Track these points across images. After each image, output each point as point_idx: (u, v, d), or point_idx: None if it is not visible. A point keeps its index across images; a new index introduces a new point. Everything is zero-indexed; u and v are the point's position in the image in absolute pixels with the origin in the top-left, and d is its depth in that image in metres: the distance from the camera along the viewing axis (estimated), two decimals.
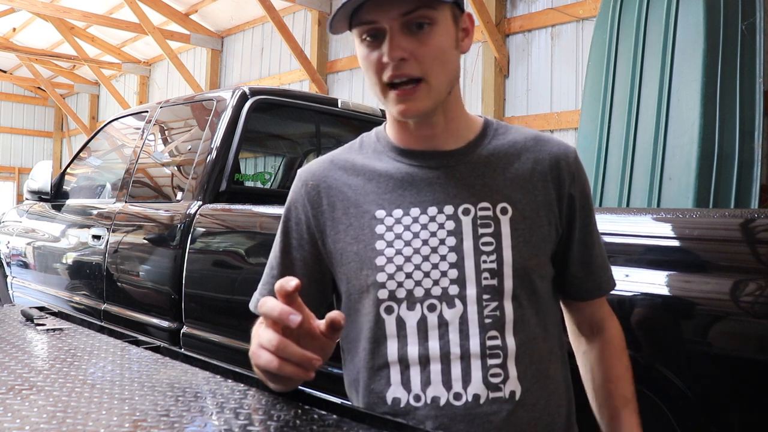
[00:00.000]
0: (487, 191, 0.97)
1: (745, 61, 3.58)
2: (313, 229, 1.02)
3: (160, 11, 8.42)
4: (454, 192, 0.97)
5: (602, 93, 3.98)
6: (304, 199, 1.03)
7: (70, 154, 13.00)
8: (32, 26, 9.98)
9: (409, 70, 0.91)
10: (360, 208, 0.99)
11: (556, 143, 1.03)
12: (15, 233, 3.73)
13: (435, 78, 0.93)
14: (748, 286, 1.16)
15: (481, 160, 0.99)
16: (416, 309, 0.94)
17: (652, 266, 1.25)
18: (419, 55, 0.91)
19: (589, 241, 1.04)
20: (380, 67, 0.92)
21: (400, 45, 0.90)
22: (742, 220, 1.23)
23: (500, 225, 0.96)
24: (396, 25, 0.91)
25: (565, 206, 1.01)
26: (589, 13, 5.06)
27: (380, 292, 0.95)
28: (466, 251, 0.94)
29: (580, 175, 1.03)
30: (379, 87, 0.94)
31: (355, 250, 0.97)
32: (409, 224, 0.96)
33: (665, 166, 3.57)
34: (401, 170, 0.99)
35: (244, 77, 8.63)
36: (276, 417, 0.79)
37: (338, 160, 1.05)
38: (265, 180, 3.49)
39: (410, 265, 0.95)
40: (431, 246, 0.95)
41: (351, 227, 0.98)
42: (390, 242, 0.96)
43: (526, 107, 5.54)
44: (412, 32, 0.91)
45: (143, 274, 2.56)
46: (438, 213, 0.96)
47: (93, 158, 3.55)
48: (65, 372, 0.94)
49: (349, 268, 0.98)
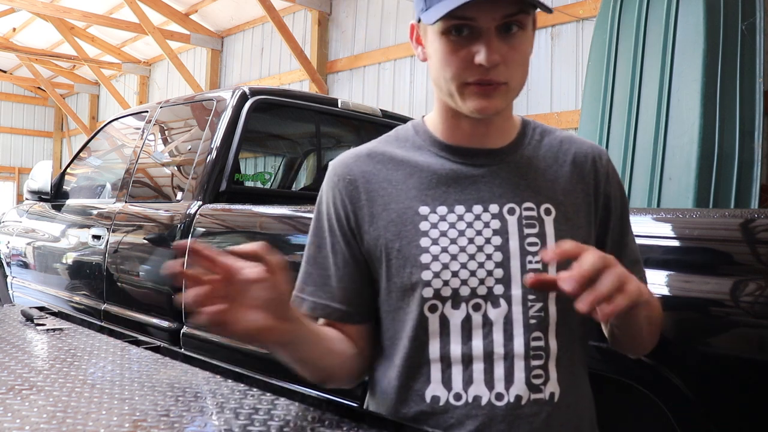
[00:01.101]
0: (531, 192, 0.97)
1: (745, 61, 3.58)
2: (353, 225, 0.99)
3: (160, 11, 8.42)
4: (499, 191, 0.96)
5: (602, 93, 3.98)
6: (341, 194, 1.00)
7: (70, 154, 12.99)
8: (32, 26, 9.98)
9: (497, 76, 0.89)
10: (402, 203, 0.96)
11: (588, 144, 1.05)
12: (15, 233, 3.73)
13: (515, 82, 0.92)
14: (748, 286, 1.16)
15: (524, 160, 0.99)
16: (461, 308, 0.93)
17: (652, 266, 1.25)
18: (509, 59, 0.90)
19: (622, 242, 1.03)
20: (466, 66, 0.89)
21: (499, 49, 0.88)
22: (742, 220, 1.23)
23: (545, 226, 0.95)
24: (494, 27, 0.88)
25: (601, 206, 1.01)
26: (589, 13, 5.06)
27: (425, 290, 0.94)
28: (512, 251, 0.94)
29: (614, 175, 1.04)
30: (457, 83, 0.91)
31: (397, 247, 0.95)
32: (454, 222, 0.95)
33: (665, 166, 3.57)
34: (445, 166, 0.98)
35: (244, 77, 8.63)
36: (276, 417, 0.79)
37: (376, 153, 1.02)
38: (265, 180, 3.49)
39: (456, 263, 0.93)
40: (477, 244, 0.94)
41: (392, 223, 0.96)
42: (435, 240, 0.94)
43: (526, 107, 5.54)
44: (503, 36, 0.89)
45: (143, 274, 2.56)
46: (483, 211, 0.95)
47: (93, 158, 3.55)
48: (65, 372, 0.94)
49: (391, 265, 0.96)
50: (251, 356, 2.05)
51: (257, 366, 1.99)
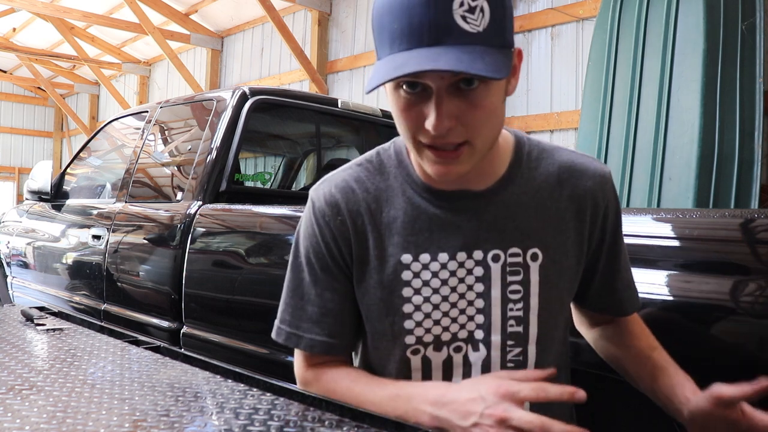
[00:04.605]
0: (518, 235, 0.93)
1: (745, 61, 3.58)
2: (348, 262, 0.96)
3: (160, 11, 8.42)
4: (485, 236, 0.92)
5: (602, 93, 3.98)
6: (334, 233, 0.95)
7: (70, 154, 12.99)
8: (32, 26, 9.98)
9: (454, 138, 0.80)
10: (385, 250, 0.93)
11: (591, 173, 0.96)
12: (15, 233, 3.73)
13: (481, 140, 0.83)
14: (748, 286, 1.15)
15: (513, 199, 0.93)
16: (443, 350, 0.94)
17: (652, 266, 1.25)
18: (467, 119, 0.80)
19: (615, 267, 1.02)
20: (418, 127, 0.81)
21: (449, 112, 0.78)
22: (742, 220, 1.23)
23: (529, 272, 0.93)
24: (444, 85, 0.78)
25: (596, 238, 0.98)
26: (589, 13, 5.06)
27: (408, 338, 0.94)
28: (493, 298, 0.93)
29: (614, 204, 0.99)
30: (413, 143, 0.84)
31: (379, 296, 0.94)
32: (437, 270, 0.92)
33: (665, 166, 3.57)
34: (428, 211, 0.93)
35: (244, 77, 8.63)
36: (276, 417, 0.79)
37: (361, 186, 0.96)
38: (265, 180, 3.49)
39: (438, 312, 0.93)
40: (459, 292, 0.93)
41: (375, 270, 0.94)
42: (417, 289, 0.92)
43: (526, 107, 5.54)
44: (461, 91, 0.79)
45: (143, 274, 2.56)
46: (467, 258, 0.92)
47: (93, 158, 3.55)
48: (65, 372, 0.94)
49: (372, 311, 0.96)
50: (251, 356, 2.05)
51: (257, 366, 1.99)
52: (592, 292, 1.04)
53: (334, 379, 0.97)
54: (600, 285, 1.03)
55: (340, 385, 0.95)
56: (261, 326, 2.05)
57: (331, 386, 0.96)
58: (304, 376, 1.01)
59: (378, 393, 0.91)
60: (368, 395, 0.91)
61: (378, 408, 0.88)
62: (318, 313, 0.97)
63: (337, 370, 0.98)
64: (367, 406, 0.89)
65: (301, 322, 0.98)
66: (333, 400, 0.86)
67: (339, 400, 0.93)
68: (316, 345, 0.98)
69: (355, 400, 0.91)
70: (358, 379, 0.96)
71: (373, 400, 0.90)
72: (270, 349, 1.95)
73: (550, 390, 0.80)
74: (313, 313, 0.97)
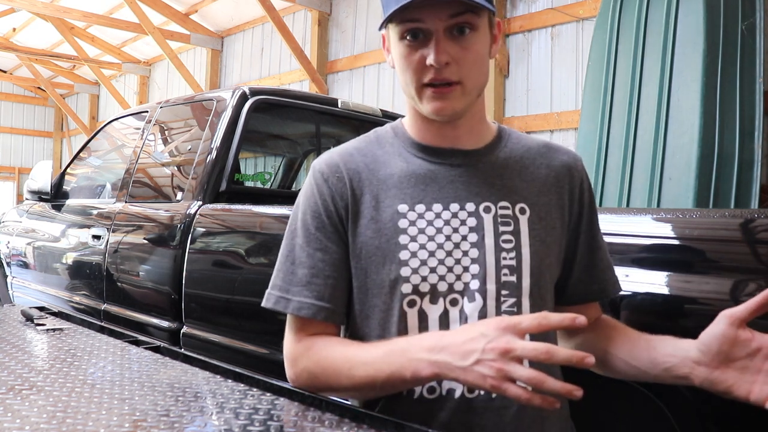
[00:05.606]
0: (506, 191, 1.00)
1: (745, 61, 3.58)
2: (344, 221, 1.00)
3: (160, 11, 8.42)
4: (476, 190, 0.99)
5: (602, 93, 3.98)
6: (332, 191, 1.01)
7: (70, 154, 12.99)
8: (32, 26, 9.98)
9: (450, 75, 0.94)
10: (382, 202, 0.99)
11: (565, 151, 1.09)
12: (15, 233, 3.73)
13: (470, 82, 0.96)
14: (748, 286, 1.16)
15: (500, 162, 1.03)
16: (439, 303, 0.96)
17: (652, 266, 1.25)
18: (460, 60, 0.94)
19: (594, 245, 1.07)
20: (421, 68, 0.95)
21: (446, 49, 0.93)
22: (742, 220, 1.23)
23: (519, 224, 0.99)
24: (441, 28, 0.93)
25: (575, 212, 1.05)
26: (589, 13, 5.06)
27: (404, 286, 0.96)
28: (487, 247, 0.97)
29: (587, 182, 1.08)
30: (415, 86, 0.97)
31: (376, 245, 0.98)
32: (431, 219, 0.98)
33: (665, 166, 3.57)
34: (423, 167, 1.01)
35: (244, 77, 8.63)
36: (276, 417, 0.79)
37: (361, 152, 1.05)
38: (265, 180, 3.49)
39: (434, 260, 0.96)
40: (454, 242, 0.97)
41: (372, 221, 0.99)
42: (413, 237, 0.97)
43: (526, 107, 5.54)
44: (455, 37, 0.94)
45: (143, 274, 2.56)
46: (460, 209, 0.98)
47: (93, 158, 3.55)
48: (65, 372, 0.94)
49: (370, 263, 0.98)
50: (251, 356, 2.05)
51: (257, 366, 1.99)
52: (575, 277, 1.06)
53: (324, 346, 0.97)
54: (582, 267, 1.06)
55: (332, 350, 0.95)
56: (261, 326, 2.05)
57: (322, 353, 0.96)
58: (293, 352, 1.00)
59: (371, 352, 0.92)
60: (361, 356, 0.92)
61: (372, 367, 0.89)
62: (308, 275, 0.99)
63: (328, 338, 0.99)
64: (360, 367, 0.91)
65: (291, 285, 1.00)
66: (331, 399, 0.86)
67: (331, 366, 0.93)
68: (304, 307, 0.98)
69: (348, 363, 0.92)
70: (350, 343, 0.97)
71: (366, 360, 0.91)
72: (270, 349, 1.95)
73: (552, 318, 0.81)
74: (303, 275, 0.99)
